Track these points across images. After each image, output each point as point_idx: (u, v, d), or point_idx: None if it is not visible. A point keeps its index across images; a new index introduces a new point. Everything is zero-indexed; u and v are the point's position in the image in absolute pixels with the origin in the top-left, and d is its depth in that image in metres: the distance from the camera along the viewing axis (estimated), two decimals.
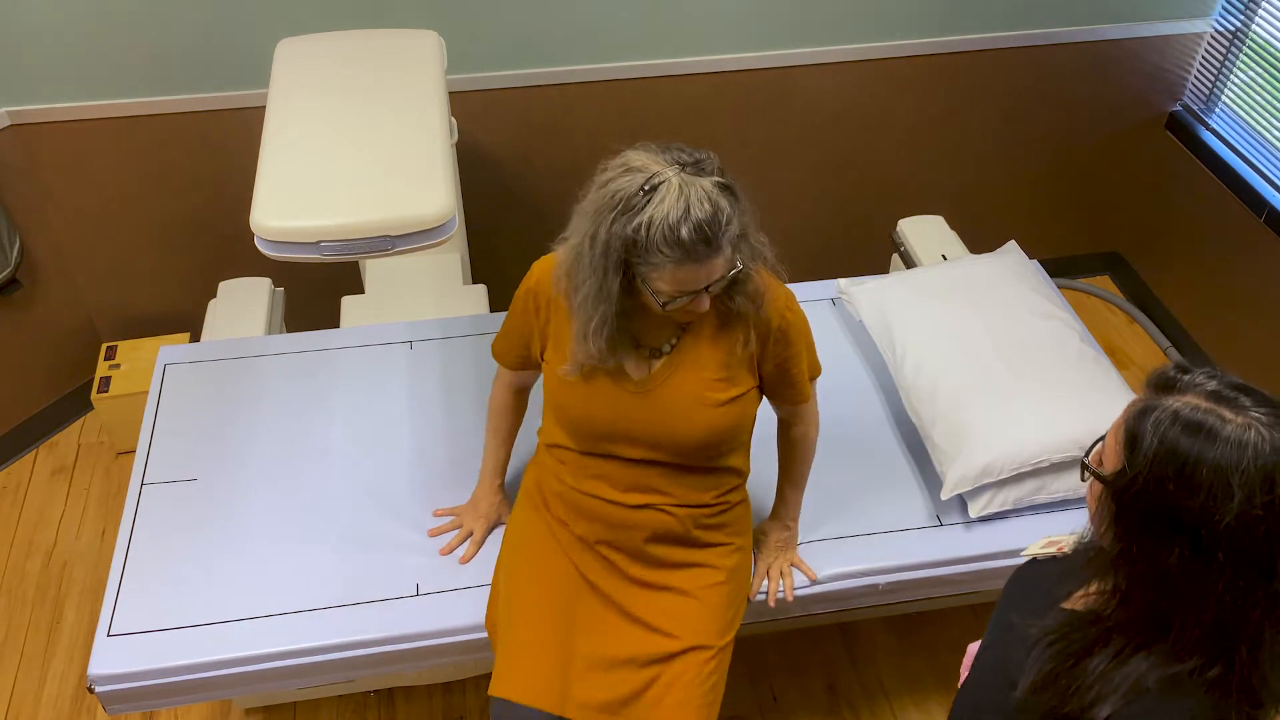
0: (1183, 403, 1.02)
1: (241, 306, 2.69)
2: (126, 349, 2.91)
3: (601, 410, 1.69)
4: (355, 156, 1.95)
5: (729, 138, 3.02)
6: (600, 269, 1.51)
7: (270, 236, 1.80)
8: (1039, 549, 1.99)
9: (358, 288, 2.87)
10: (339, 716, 2.39)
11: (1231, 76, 3.08)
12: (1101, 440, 1.11)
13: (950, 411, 2.10)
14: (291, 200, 1.85)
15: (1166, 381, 1.05)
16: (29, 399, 2.99)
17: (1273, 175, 2.95)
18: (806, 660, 2.52)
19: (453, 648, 1.91)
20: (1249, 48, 3.00)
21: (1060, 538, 1.95)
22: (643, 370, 1.68)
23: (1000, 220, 3.43)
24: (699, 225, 1.42)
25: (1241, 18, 2.98)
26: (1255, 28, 2.96)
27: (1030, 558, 1.46)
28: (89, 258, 2.91)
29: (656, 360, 1.68)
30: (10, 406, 2.94)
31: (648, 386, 1.67)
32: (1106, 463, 1.08)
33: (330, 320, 2.68)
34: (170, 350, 2.39)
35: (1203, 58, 3.14)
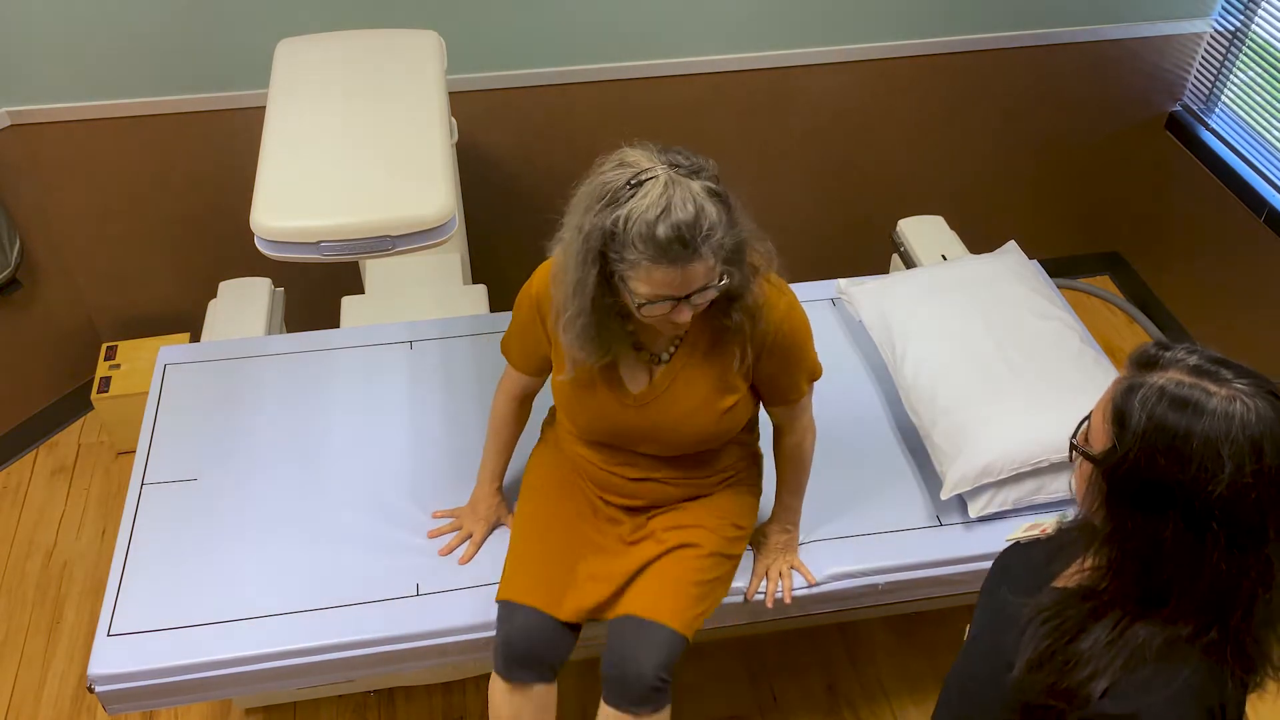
0: (1167, 379, 1.04)
1: (241, 306, 2.69)
2: (126, 349, 2.91)
3: (602, 421, 1.77)
4: (355, 156, 1.95)
5: (729, 138, 3.02)
6: (581, 260, 1.49)
7: (270, 236, 1.81)
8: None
9: (358, 288, 2.87)
10: (339, 716, 2.39)
11: (1231, 76, 3.08)
12: (1087, 421, 1.13)
13: (950, 411, 2.10)
14: (291, 200, 1.85)
15: (1149, 359, 1.08)
16: (29, 399, 2.99)
17: (1273, 175, 2.95)
18: (806, 660, 2.52)
19: (453, 648, 1.91)
20: (1249, 48, 3.00)
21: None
22: (641, 382, 1.70)
23: (1000, 220, 3.43)
24: (677, 225, 1.39)
25: (1241, 18, 2.98)
26: (1255, 28, 2.96)
27: (1013, 542, 1.46)
28: (89, 258, 2.91)
29: (656, 368, 1.70)
30: (10, 406, 2.94)
31: (645, 400, 1.72)
32: (1094, 442, 1.10)
33: (330, 320, 2.68)
34: (170, 350, 2.39)
35: (1203, 58, 3.14)
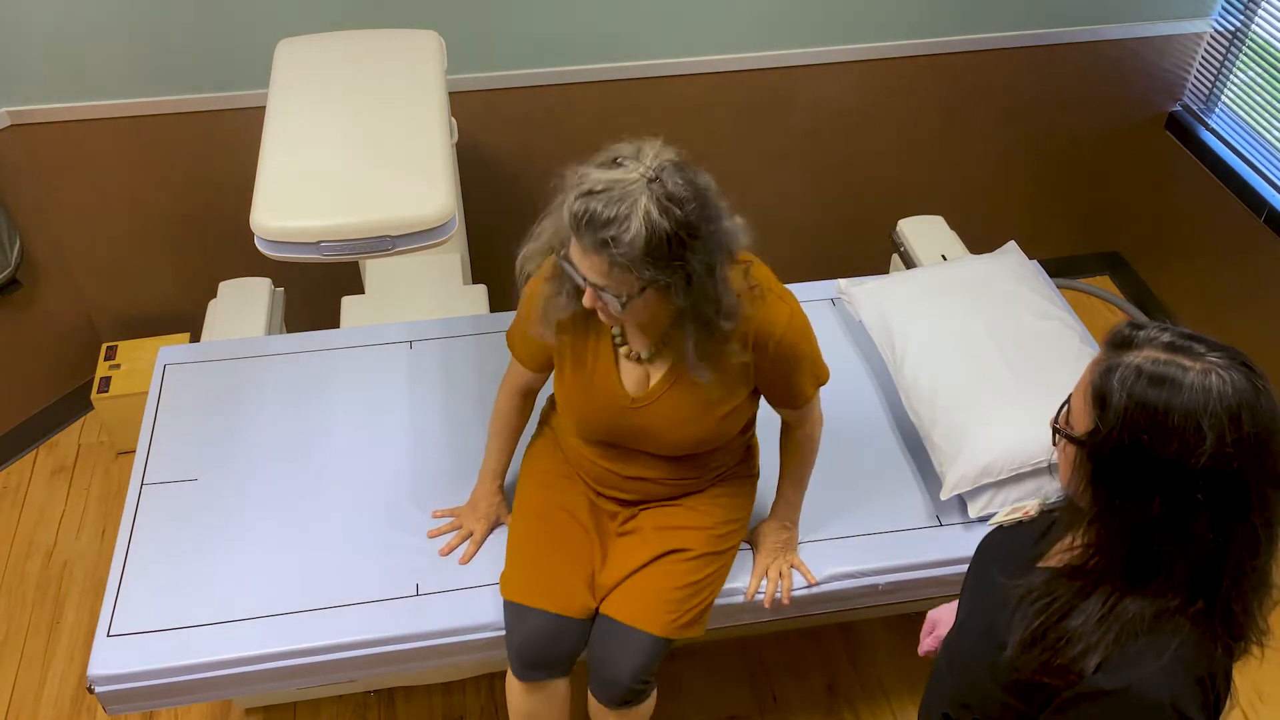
0: (1143, 357, 1.06)
1: (241, 306, 2.69)
2: (126, 349, 2.91)
3: (601, 422, 1.79)
4: (355, 156, 1.95)
5: (729, 138, 3.02)
6: (552, 222, 1.54)
7: (270, 236, 1.80)
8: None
9: (358, 288, 2.87)
10: (339, 716, 2.39)
11: (1231, 76, 3.08)
12: (1067, 404, 1.15)
13: (950, 411, 2.10)
14: (291, 200, 1.85)
15: (1124, 339, 1.09)
16: (29, 399, 2.99)
17: (1273, 175, 2.95)
18: (806, 660, 2.52)
19: (453, 648, 1.91)
20: (1249, 48, 3.00)
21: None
22: (639, 385, 1.74)
23: (1000, 220, 3.43)
24: (591, 212, 1.40)
25: (1241, 18, 2.98)
26: (1255, 28, 2.96)
27: (996, 525, 1.47)
28: (89, 258, 2.91)
29: (653, 370, 1.71)
30: (10, 406, 2.94)
31: (643, 403, 1.74)
32: (1076, 425, 1.12)
33: (330, 320, 2.68)
34: (170, 350, 2.39)
35: (1203, 58, 3.14)
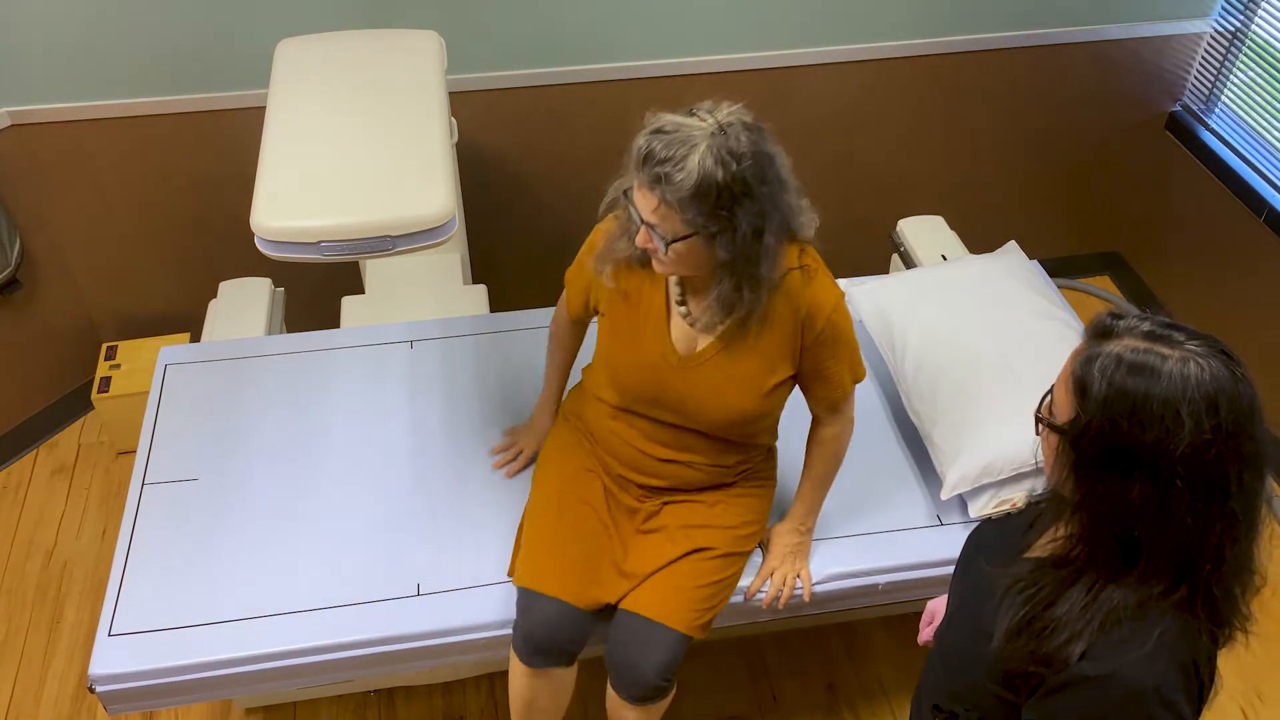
0: (1123, 346, 1.08)
1: (241, 306, 2.69)
2: (126, 349, 2.91)
3: (645, 378, 1.79)
4: (355, 156, 1.95)
5: None
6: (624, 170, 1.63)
7: (270, 236, 1.80)
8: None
9: (358, 288, 2.87)
10: (339, 716, 2.39)
11: (1231, 77, 3.08)
12: (1050, 394, 1.17)
13: (950, 411, 2.10)
14: (291, 200, 1.85)
15: (1104, 329, 1.11)
16: (29, 399, 2.99)
17: (1273, 175, 2.95)
18: (806, 660, 2.52)
19: (453, 648, 1.91)
20: (1249, 48, 3.00)
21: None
22: (689, 346, 1.76)
23: (1000, 220, 3.43)
24: (652, 152, 1.50)
25: (1241, 18, 2.99)
26: (1255, 28, 2.96)
27: (985, 518, 1.48)
28: (89, 258, 2.91)
29: (703, 335, 1.74)
30: (10, 406, 2.94)
31: (690, 364, 1.75)
32: (1059, 414, 1.14)
33: (330, 320, 2.68)
34: (170, 350, 2.39)
35: (1203, 58, 3.14)
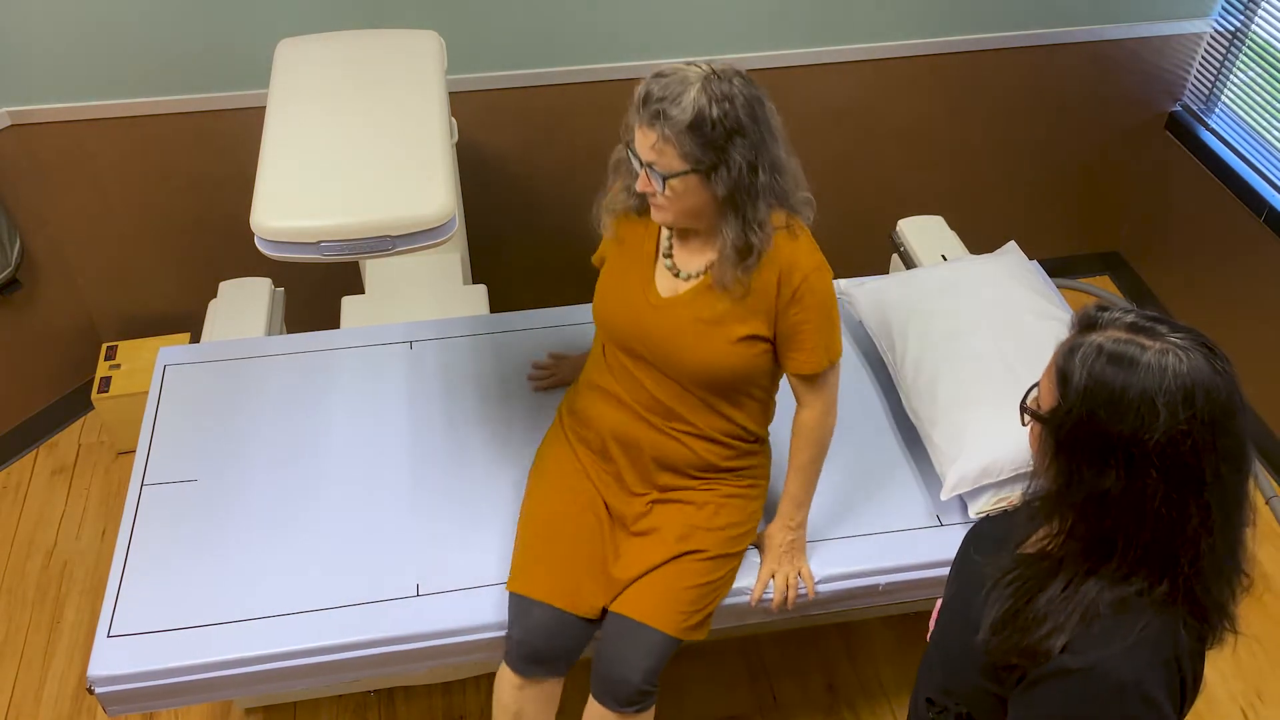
0: (1105, 337, 1.09)
1: (241, 306, 2.69)
2: (126, 349, 2.91)
3: (627, 318, 1.85)
4: (355, 156, 1.94)
5: None
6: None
7: (270, 236, 1.80)
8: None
9: (358, 288, 2.87)
10: (339, 716, 2.39)
11: (1231, 76, 3.08)
12: (1037, 386, 1.19)
13: (950, 411, 2.10)
14: (291, 200, 1.85)
15: (1089, 320, 1.13)
16: (29, 399, 2.99)
17: (1273, 175, 2.95)
18: (806, 660, 2.52)
19: (453, 648, 1.91)
20: (1249, 48, 3.00)
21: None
22: (668, 290, 1.82)
23: (1000, 220, 3.43)
24: (651, 92, 1.59)
25: (1241, 18, 2.99)
26: (1255, 28, 2.96)
27: (983, 515, 1.49)
28: (89, 258, 2.91)
29: (682, 282, 1.80)
30: (10, 406, 2.95)
31: (666, 306, 1.81)
32: (1043, 404, 1.16)
33: (330, 320, 2.68)
34: (170, 350, 2.39)
35: (1203, 58, 3.14)
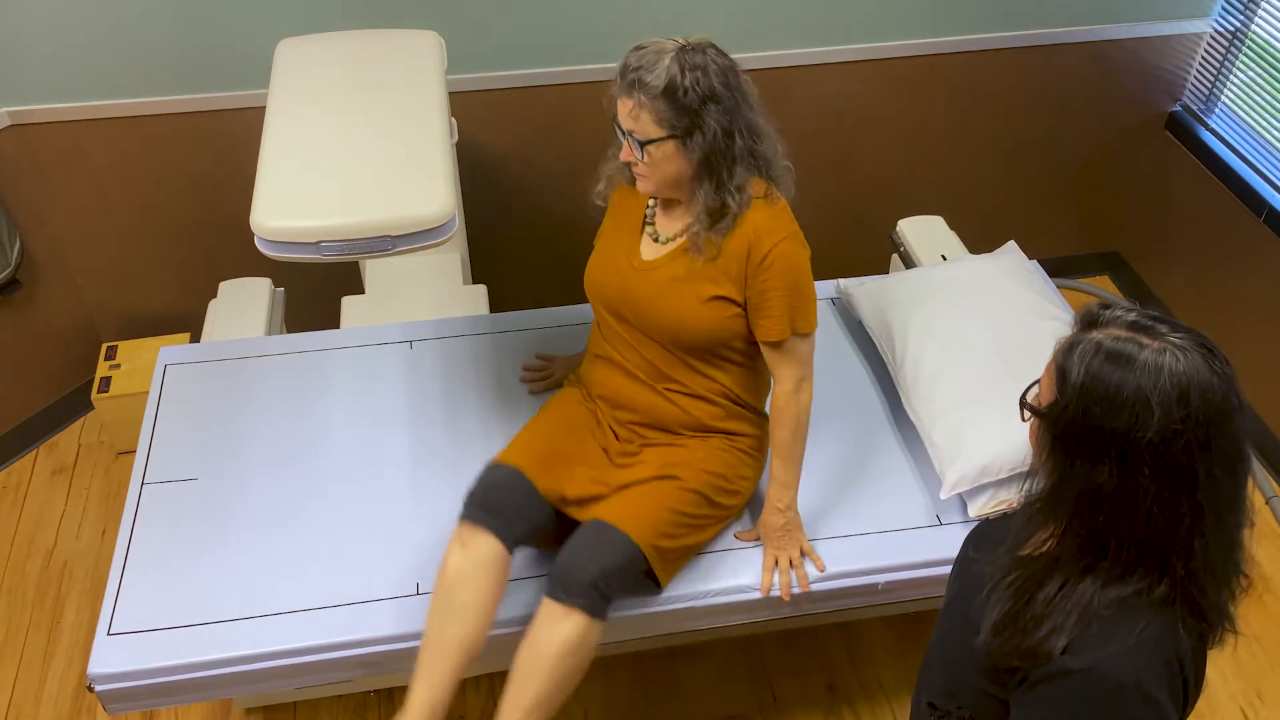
0: (1105, 334, 1.10)
1: (241, 306, 2.69)
2: (126, 349, 2.91)
3: (610, 280, 1.93)
4: (355, 156, 1.95)
5: None
6: None
7: (270, 236, 1.80)
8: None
9: (358, 288, 2.87)
10: (339, 716, 2.39)
11: (1231, 76, 3.08)
12: (1037, 383, 1.20)
13: (950, 411, 2.10)
14: (291, 200, 1.85)
15: (1091, 318, 1.14)
16: (29, 399, 2.99)
17: (1273, 175, 2.95)
18: (806, 660, 2.52)
19: None
20: (1249, 48, 3.00)
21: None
22: (650, 255, 1.90)
23: (1000, 220, 3.43)
24: (628, 63, 1.71)
25: (1241, 18, 2.99)
26: (1255, 28, 2.96)
27: (983, 518, 1.49)
28: (89, 258, 2.91)
29: (661, 246, 1.88)
30: (10, 406, 2.95)
31: (645, 268, 1.89)
32: (1042, 400, 1.16)
33: (330, 320, 2.68)
34: (170, 350, 2.40)
35: (1203, 58, 3.14)
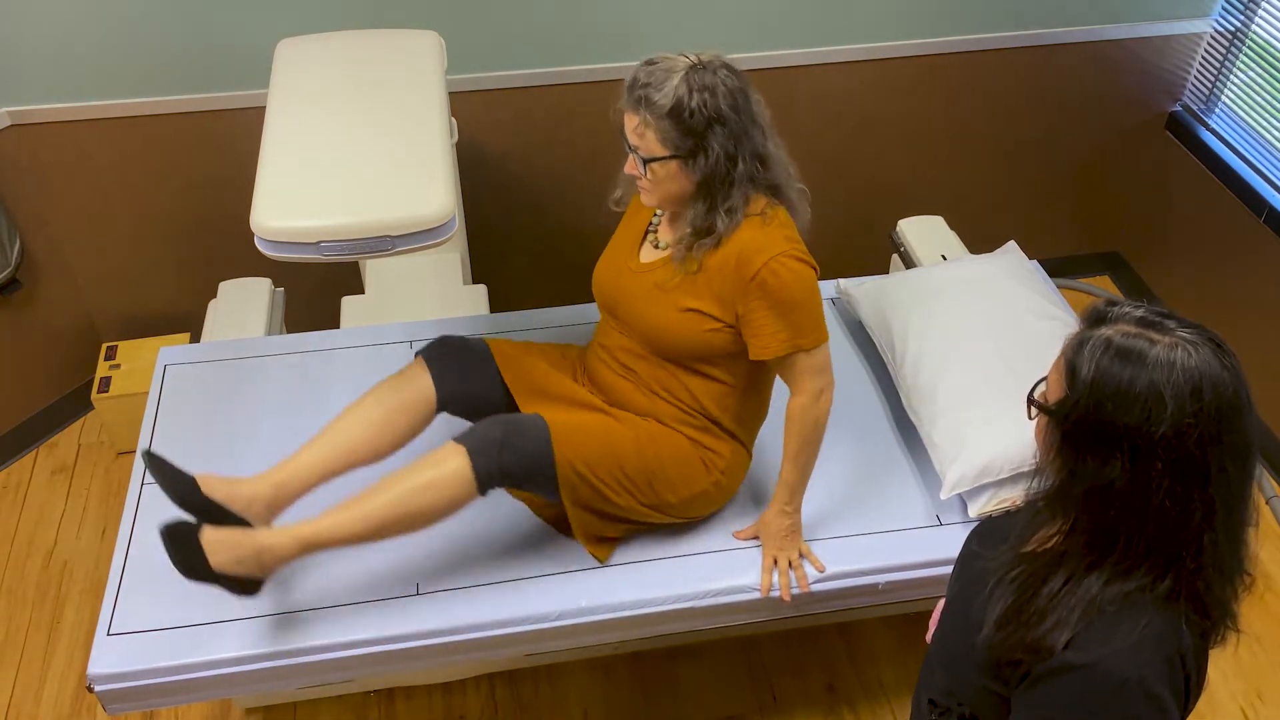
0: (1115, 331, 1.09)
1: (241, 306, 2.69)
2: (126, 349, 2.91)
3: (609, 280, 1.95)
4: (355, 156, 1.95)
5: None
6: None
7: (270, 236, 1.81)
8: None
9: (358, 288, 2.87)
10: (339, 716, 2.39)
11: (1231, 76, 3.08)
12: (1044, 381, 1.19)
13: (950, 411, 2.10)
14: (291, 200, 1.85)
15: (1099, 315, 1.13)
16: (29, 399, 2.99)
17: (1273, 175, 2.95)
18: (806, 660, 2.52)
19: (453, 647, 1.91)
20: (1249, 48, 3.00)
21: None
22: (649, 259, 1.92)
23: (1000, 220, 3.43)
24: (637, 78, 1.72)
25: (1241, 18, 2.99)
26: (1255, 28, 2.96)
27: (985, 516, 1.48)
28: (89, 258, 2.91)
29: (658, 255, 1.89)
30: (10, 406, 2.95)
31: (640, 271, 1.90)
32: (1050, 397, 1.15)
33: (330, 320, 2.68)
34: (170, 350, 2.40)
35: (1203, 58, 3.14)
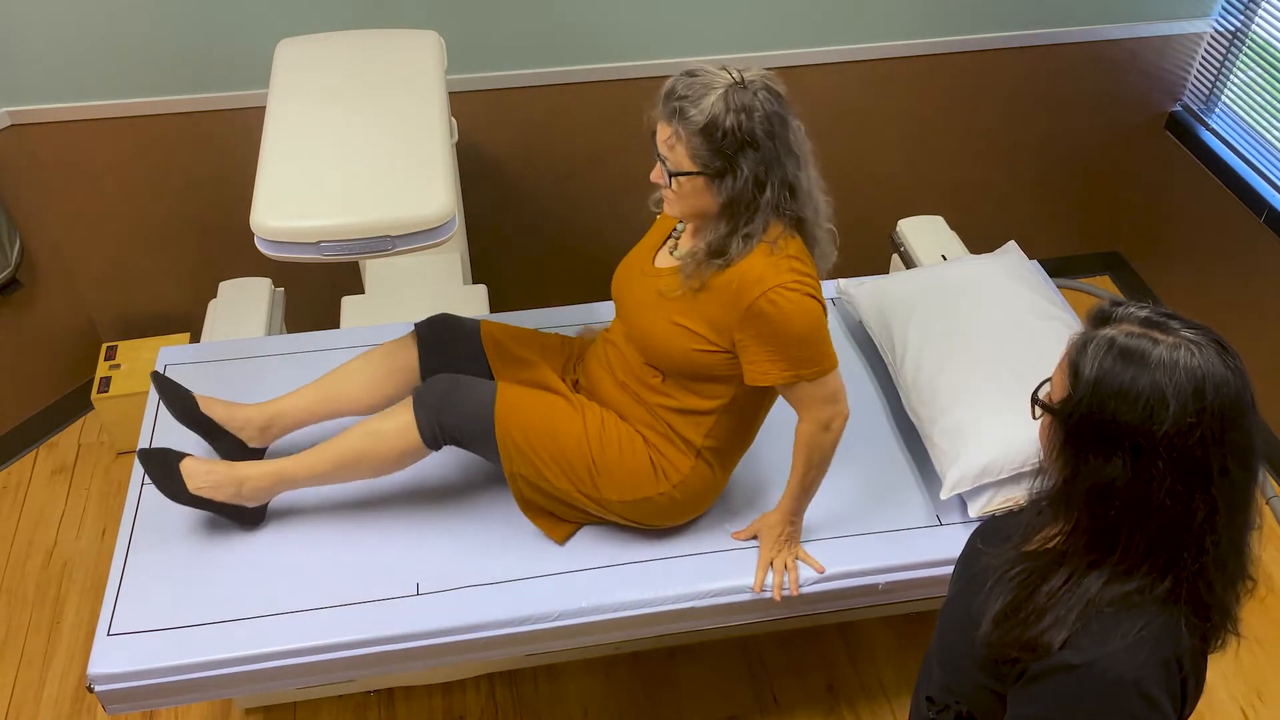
0: (1119, 331, 1.10)
1: (241, 306, 2.69)
2: (126, 349, 2.91)
3: (625, 276, 1.96)
4: (355, 157, 1.95)
5: None
6: None
7: (270, 236, 1.80)
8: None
9: (358, 288, 2.87)
10: (339, 716, 2.39)
11: (1231, 76, 3.08)
12: (1048, 381, 1.20)
13: (950, 411, 2.10)
14: (291, 200, 1.85)
15: (1103, 315, 1.14)
16: (29, 399, 2.99)
17: (1273, 175, 2.95)
18: (806, 660, 2.52)
19: (453, 647, 1.91)
20: (1249, 48, 3.00)
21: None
22: (664, 264, 1.91)
23: (1000, 220, 3.43)
24: (674, 89, 1.66)
25: (1241, 18, 2.99)
26: (1255, 28, 2.96)
27: (984, 518, 1.48)
28: (89, 258, 2.91)
29: (673, 262, 1.88)
30: (10, 406, 2.95)
31: (651, 274, 1.90)
32: (1054, 397, 1.16)
33: (330, 320, 2.68)
34: (170, 350, 2.40)
35: (1203, 58, 3.14)
